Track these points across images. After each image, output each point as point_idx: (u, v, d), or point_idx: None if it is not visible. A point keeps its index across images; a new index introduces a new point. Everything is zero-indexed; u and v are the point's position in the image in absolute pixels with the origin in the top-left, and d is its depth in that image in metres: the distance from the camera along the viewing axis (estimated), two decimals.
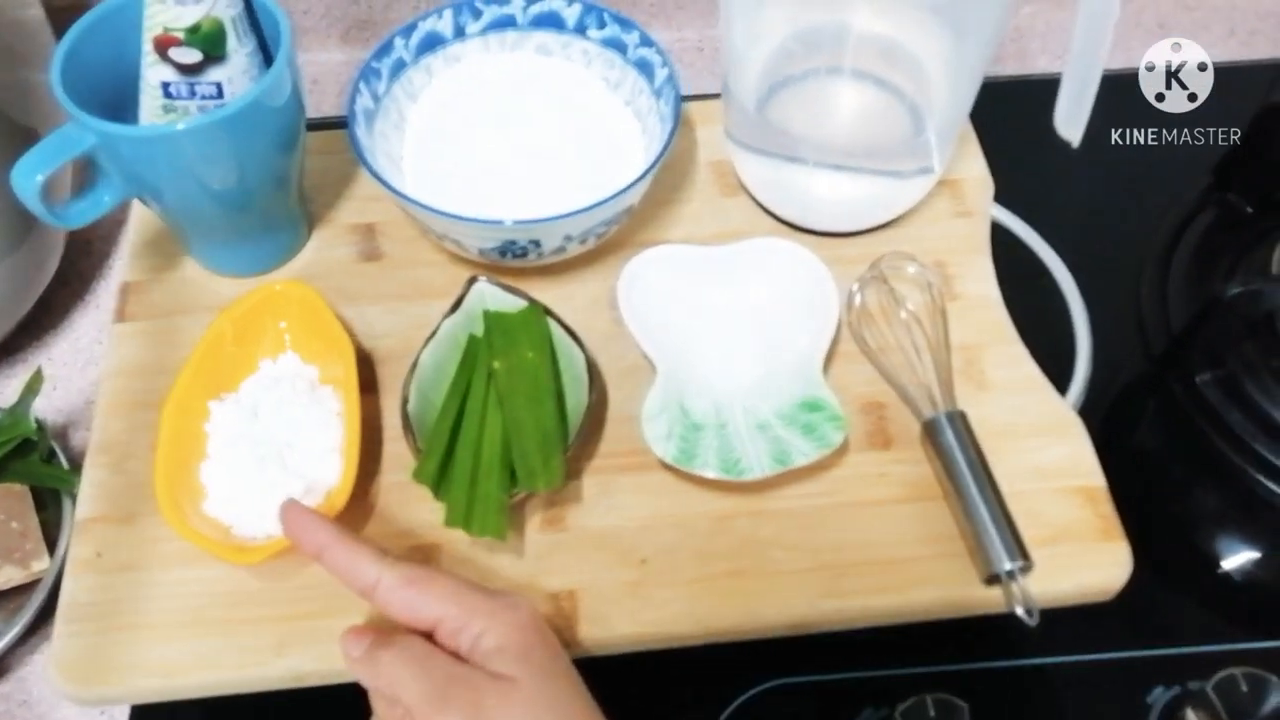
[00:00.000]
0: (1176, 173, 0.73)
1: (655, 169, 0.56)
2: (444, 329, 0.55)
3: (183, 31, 0.52)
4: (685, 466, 0.51)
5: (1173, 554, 0.62)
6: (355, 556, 0.45)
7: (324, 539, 0.46)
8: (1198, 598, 0.60)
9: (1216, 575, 0.61)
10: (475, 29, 0.63)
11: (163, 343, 0.58)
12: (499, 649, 0.43)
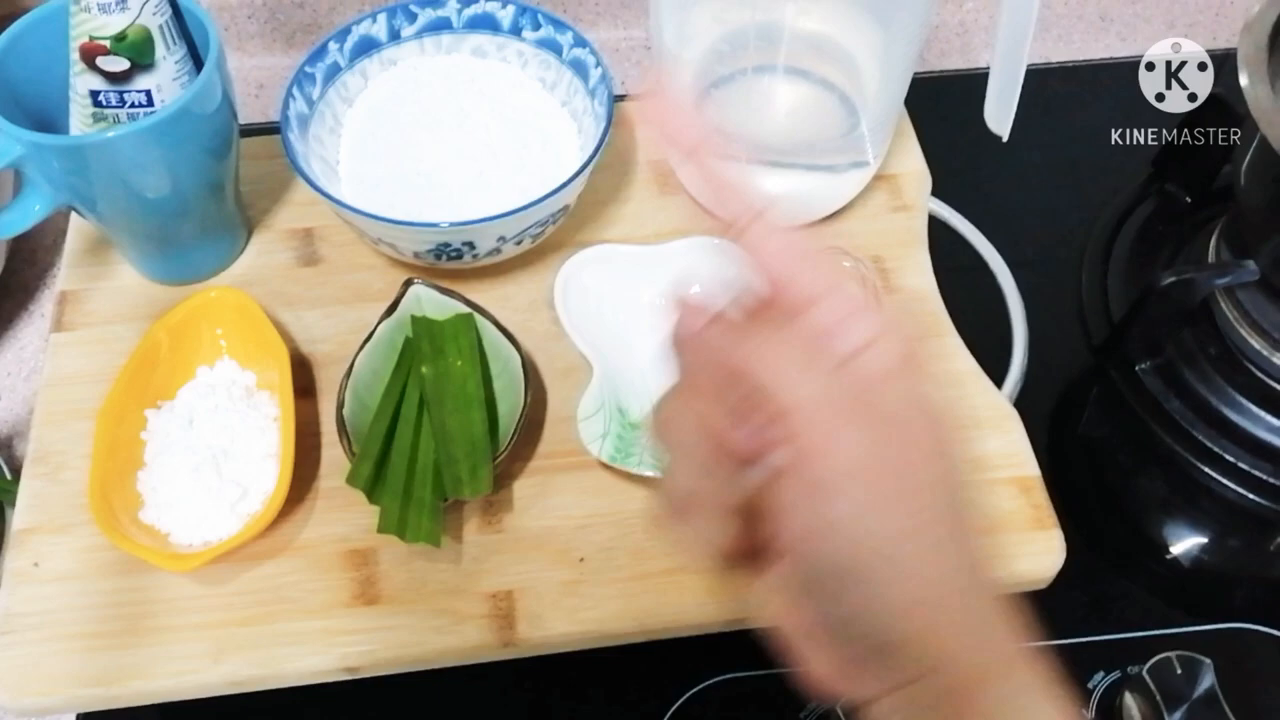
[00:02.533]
0: (1118, 164, 0.73)
1: (588, 169, 0.56)
2: (380, 332, 0.55)
3: (109, 40, 0.52)
4: (621, 465, 0.52)
5: (1116, 541, 0.62)
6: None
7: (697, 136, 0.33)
8: (1140, 584, 0.61)
9: (1159, 561, 0.62)
10: (410, 32, 0.63)
11: (101, 352, 0.58)
12: (888, 373, 0.30)
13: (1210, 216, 0.69)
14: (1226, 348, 0.64)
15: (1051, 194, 0.74)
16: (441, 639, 0.50)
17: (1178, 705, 0.53)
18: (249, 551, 0.51)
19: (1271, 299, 0.62)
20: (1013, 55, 0.53)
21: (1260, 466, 0.61)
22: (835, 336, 0.30)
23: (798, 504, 0.29)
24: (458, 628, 0.50)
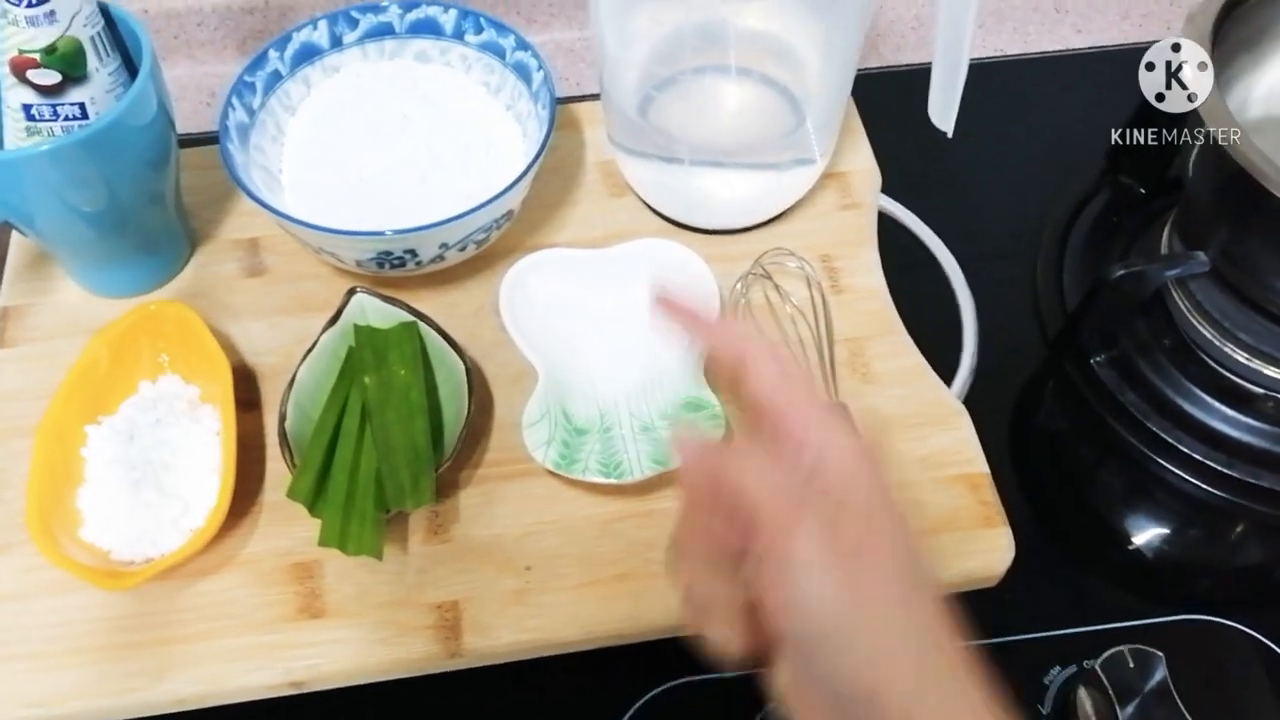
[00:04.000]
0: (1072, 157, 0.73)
1: (530, 174, 0.56)
2: (323, 342, 0.55)
3: (39, 53, 0.51)
4: (566, 472, 0.51)
5: (1072, 535, 0.62)
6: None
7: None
8: (1096, 577, 0.61)
9: (1115, 554, 0.62)
10: (352, 38, 0.62)
11: (43, 368, 0.57)
12: (843, 469, 0.34)
13: (1164, 207, 0.69)
14: (1180, 339, 0.64)
15: (1006, 188, 0.74)
16: (388, 651, 0.49)
17: (1130, 699, 0.53)
18: (192, 567, 0.51)
19: (1222, 289, 0.62)
20: (953, 49, 0.53)
21: (1214, 457, 0.61)
22: (802, 444, 0.35)
23: (773, 583, 0.34)
24: (404, 639, 0.50)
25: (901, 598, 0.34)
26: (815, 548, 0.33)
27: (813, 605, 0.33)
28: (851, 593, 0.33)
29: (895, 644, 0.34)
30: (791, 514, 0.34)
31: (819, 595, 0.33)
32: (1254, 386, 0.62)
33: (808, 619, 0.34)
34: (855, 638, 0.33)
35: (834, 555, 0.33)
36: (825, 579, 0.33)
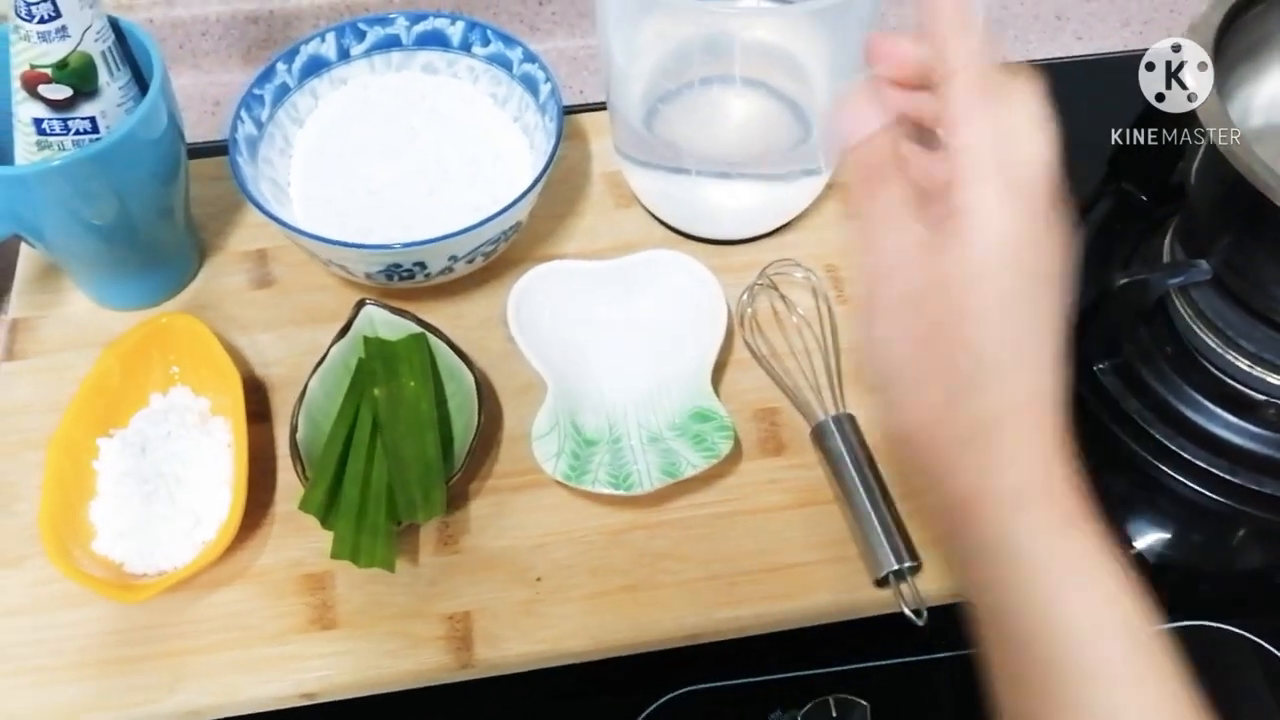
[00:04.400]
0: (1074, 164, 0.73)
1: (537, 187, 0.56)
2: (333, 355, 0.55)
3: (50, 68, 0.52)
4: (576, 483, 0.52)
5: None
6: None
7: None
8: None
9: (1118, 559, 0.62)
10: (359, 50, 0.62)
11: (53, 380, 0.58)
12: (973, 244, 0.34)
13: (1167, 214, 0.70)
14: (1183, 346, 0.64)
15: None
16: (399, 662, 0.50)
17: None
18: (204, 579, 0.51)
19: (1225, 298, 0.63)
20: None
21: (1217, 464, 0.62)
22: (955, 189, 0.34)
23: (958, 270, 0.35)
24: (415, 651, 0.50)
25: (1054, 356, 0.36)
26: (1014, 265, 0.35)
27: (990, 323, 0.35)
28: (1027, 330, 0.35)
29: (1035, 398, 0.36)
30: (1003, 211, 0.34)
31: (1001, 315, 0.35)
32: (1256, 393, 0.62)
33: (982, 333, 0.35)
34: (1012, 375, 0.35)
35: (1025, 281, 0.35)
36: (1011, 304, 0.35)
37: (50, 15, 0.50)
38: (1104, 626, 0.35)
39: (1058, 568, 0.35)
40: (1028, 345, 0.36)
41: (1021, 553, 0.35)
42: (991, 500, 0.36)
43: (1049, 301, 0.36)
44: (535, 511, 0.53)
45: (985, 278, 0.35)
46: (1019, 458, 0.36)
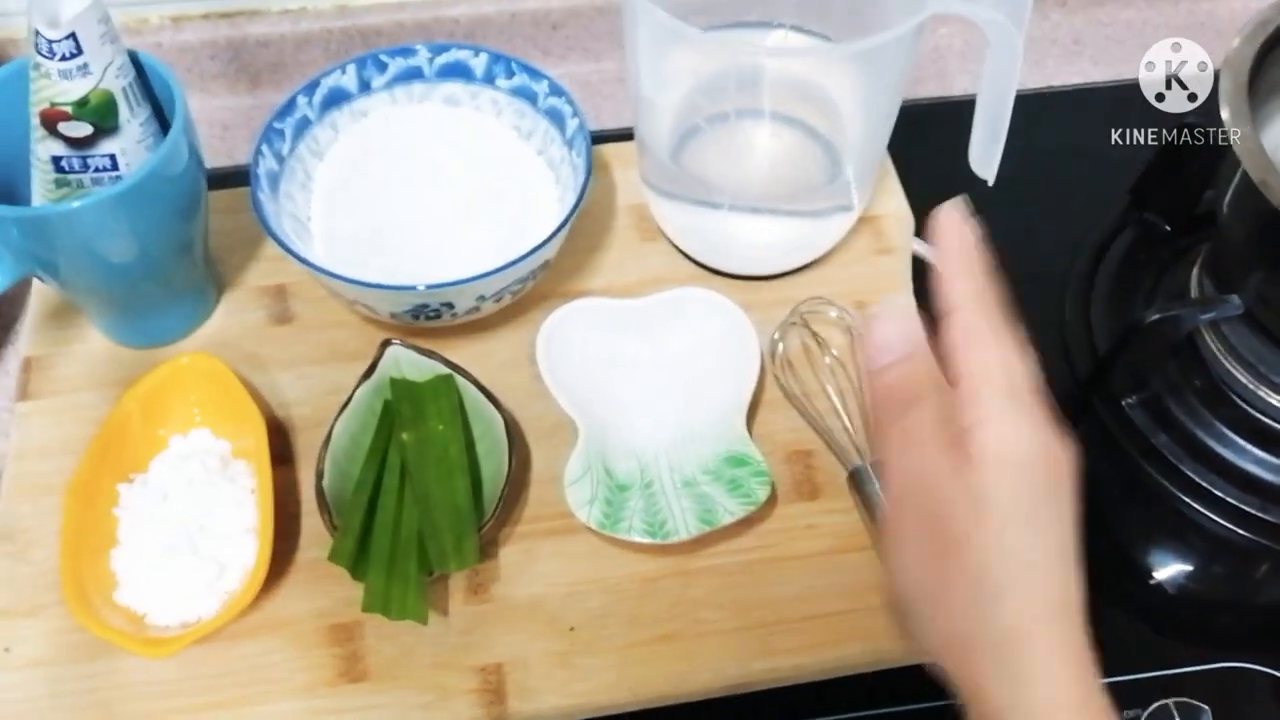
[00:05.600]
0: (1096, 193, 0.73)
1: (568, 224, 0.55)
2: (358, 397, 0.54)
3: (70, 105, 0.50)
4: (610, 531, 0.51)
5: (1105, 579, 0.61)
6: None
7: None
8: (1130, 622, 0.60)
9: (1148, 598, 0.61)
10: (381, 82, 0.61)
11: (69, 421, 0.56)
12: (992, 456, 0.35)
13: (1190, 245, 0.69)
14: (1212, 381, 0.64)
15: (1028, 226, 0.73)
16: (430, 716, 0.49)
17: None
18: (228, 630, 0.50)
19: (1256, 333, 0.62)
20: (998, 101, 0.52)
21: (1248, 500, 0.61)
22: (962, 410, 0.36)
23: (973, 481, 0.36)
24: (447, 704, 0.49)
25: (989, 591, 0.36)
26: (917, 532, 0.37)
27: (909, 575, 0.38)
28: (936, 578, 0.37)
29: (976, 632, 0.36)
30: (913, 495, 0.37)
31: (912, 570, 0.38)
32: None
33: (909, 580, 0.38)
34: (936, 614, 0.38)
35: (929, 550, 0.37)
36: (915, 563, 0.38)
37: (72, 53, 0.49)
38: None
39: None
40: (1047, 554, 0.36)
41: None
42: (1025, 715, 0.35)
43: (1062, 510, 0.36)
44: (566, 558, 0.52)
45: (1000, 487, 0.35)
46: (1051, 669, 0.35)
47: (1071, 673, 0.36)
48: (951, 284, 0.38)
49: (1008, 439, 0.36)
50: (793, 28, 0.59)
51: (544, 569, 0.52)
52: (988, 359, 0.36)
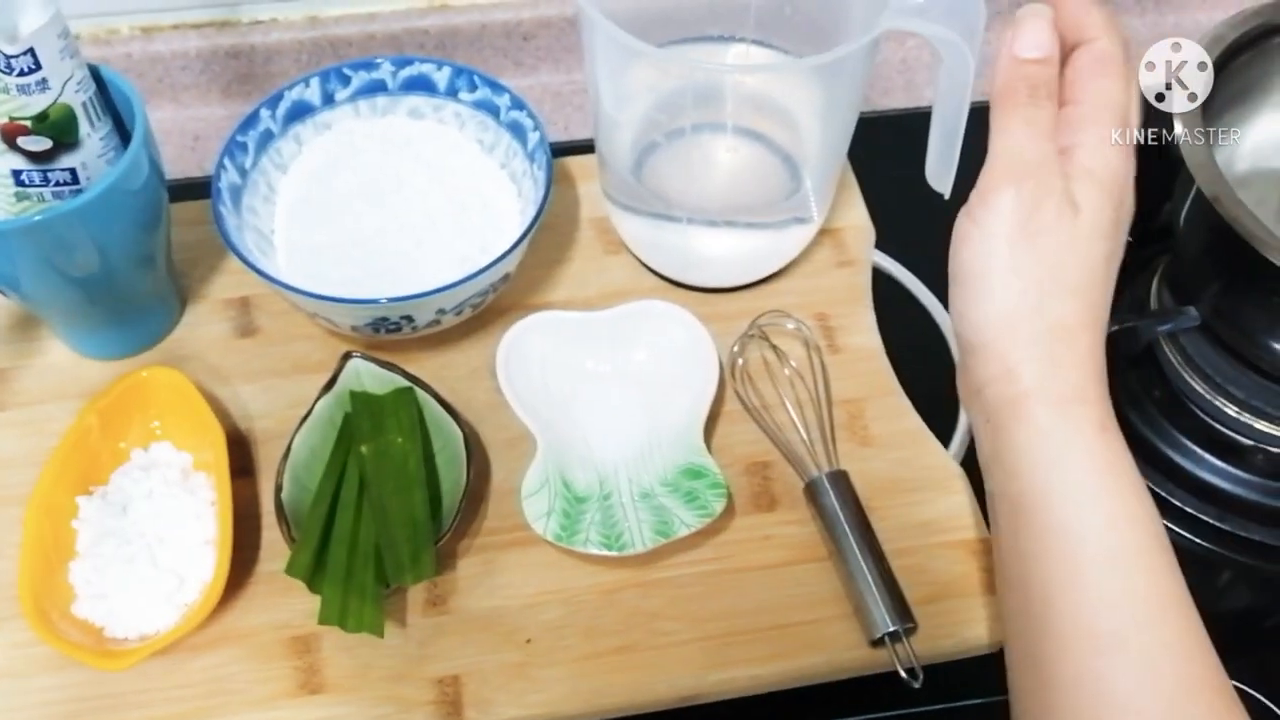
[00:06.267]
0: None
1: (528, 238, 0.55)
2: (318, 409, 0.54)
3: (30, 120, 0.50)
4: (566, 544, 0.51)
5: None
6: None
7: None
8: None
9: None
10: (344, 95, 0.62)
11: (30, 433, 0.56)
12: (1090, 172, 0.43)
13: (1151, 256, 0.70)
14: (1171, 392, 0.65)
15: None
16: None
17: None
18: (188, 641, 0.50)
19: (1213, 344, 0.63)
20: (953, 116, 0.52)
21: (1206, 510, 0.62)
22: (1080, 128, 0.43)
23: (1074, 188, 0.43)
24: (404, 716, 0.49)
25: (1053, 292, 0.43)
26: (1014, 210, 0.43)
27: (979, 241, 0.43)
28: (1011, 259, 0.43)
29: (1024, 317, 0.43)
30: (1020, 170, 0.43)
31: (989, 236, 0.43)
32: (1245, 439, 0.63)
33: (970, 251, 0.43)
34: (991, 292, 0.43)
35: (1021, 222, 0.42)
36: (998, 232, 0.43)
37: (30, 68, 0.49)
38: (1125, 517, 0.42)
39: (1095, 461, 0.42)
40: (1109, 277, 0.44)
41: (1068, 444, 0.42)
42: (1051, 396, 0.42)
43: (1123, 239, 0.45)
44: (525, 570, 0.53)
45: (1095, 203, 0.42)
46: (1084, 363, 0.42)
47: (1096, 369, 0.43)
48: (1087, 11, 0.43)
49: (1111, 164, 0.43)
50: (754, 42, 0.59)
51: (502, 581, 0.52)
52: (1114, 89, 0.43)
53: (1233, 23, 0.60)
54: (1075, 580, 0.41)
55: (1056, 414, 0.42)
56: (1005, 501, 0.44)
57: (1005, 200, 0.42)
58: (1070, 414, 0.42)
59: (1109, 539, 0.41)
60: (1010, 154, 0.43)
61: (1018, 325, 0.42)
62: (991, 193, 0.43)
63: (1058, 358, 0.42)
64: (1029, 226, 0.42)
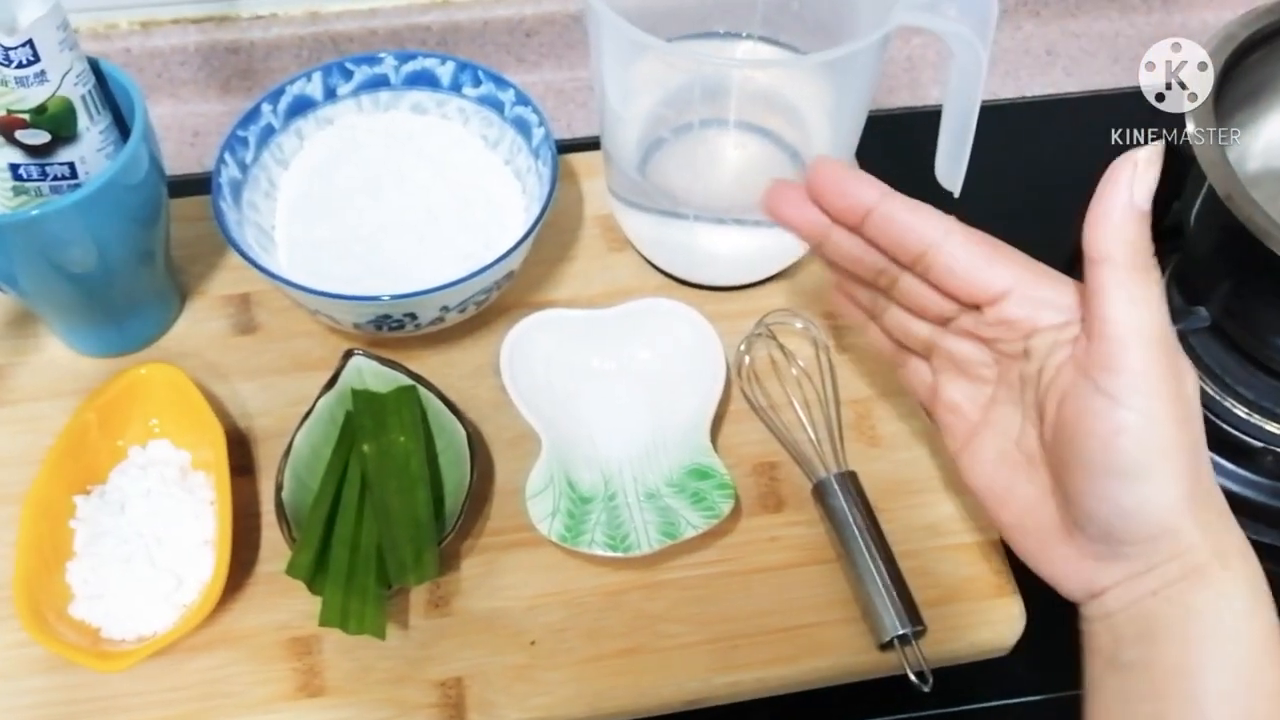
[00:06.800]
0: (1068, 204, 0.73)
1: (533, 235, 0.54)
2: (319, 408, 0.53)
3: (28, 113, 0.50)
4: (571, 545, 0.50)
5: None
6: (919, 206, 0.43)
7: (876, 192, 0.43)
8: None
9: None
10: (346, 90, 0.61)
11: (26, 431, 0.56)
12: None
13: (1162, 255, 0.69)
14: None
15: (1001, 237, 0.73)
16: None
17: None
18: (186, 643, 0.49)
19: (1223, 345, 0.62)
20: (963, 113, 0.52)
21: None
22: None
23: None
24: (406, 718, 0.48)
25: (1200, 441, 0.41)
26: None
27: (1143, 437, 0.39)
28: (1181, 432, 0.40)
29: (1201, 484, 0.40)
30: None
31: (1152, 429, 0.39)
32: (1255, 441, 0.62)
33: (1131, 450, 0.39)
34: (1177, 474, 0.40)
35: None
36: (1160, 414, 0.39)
37: (29, 59, 0.48)
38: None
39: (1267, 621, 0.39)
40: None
41: (1254, 610, 0.39)
42: (1229, 558, 0.40)
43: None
44: (528, 571, 0.52)
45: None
46: (1228, 511, 0.40)
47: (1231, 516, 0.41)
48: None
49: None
50: (760, 38, 0.59)
51: (505, 582, 0.52)
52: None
53: (1244, 21, 0.60)
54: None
55: (1233, 576, 0.39)
56: (1146, 671, 0.40)
57: (1161, 379, 0.39)
58: (1245, 574, 0.40)
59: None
60: (1150, 327, 0.39)
61: (1193, 499, 0.39)
62: (1144, 376, 0.39)
63: (1225, 515, 0.40)
64: (1178, 397, 0.39)
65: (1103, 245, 0.40)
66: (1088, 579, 0.42)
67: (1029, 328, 0.42)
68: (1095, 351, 0.39)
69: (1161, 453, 0.39)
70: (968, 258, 0.42)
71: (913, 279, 0.45)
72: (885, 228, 0.43)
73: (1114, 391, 0.39)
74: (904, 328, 0.47)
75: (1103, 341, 0.39)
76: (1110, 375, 0.39)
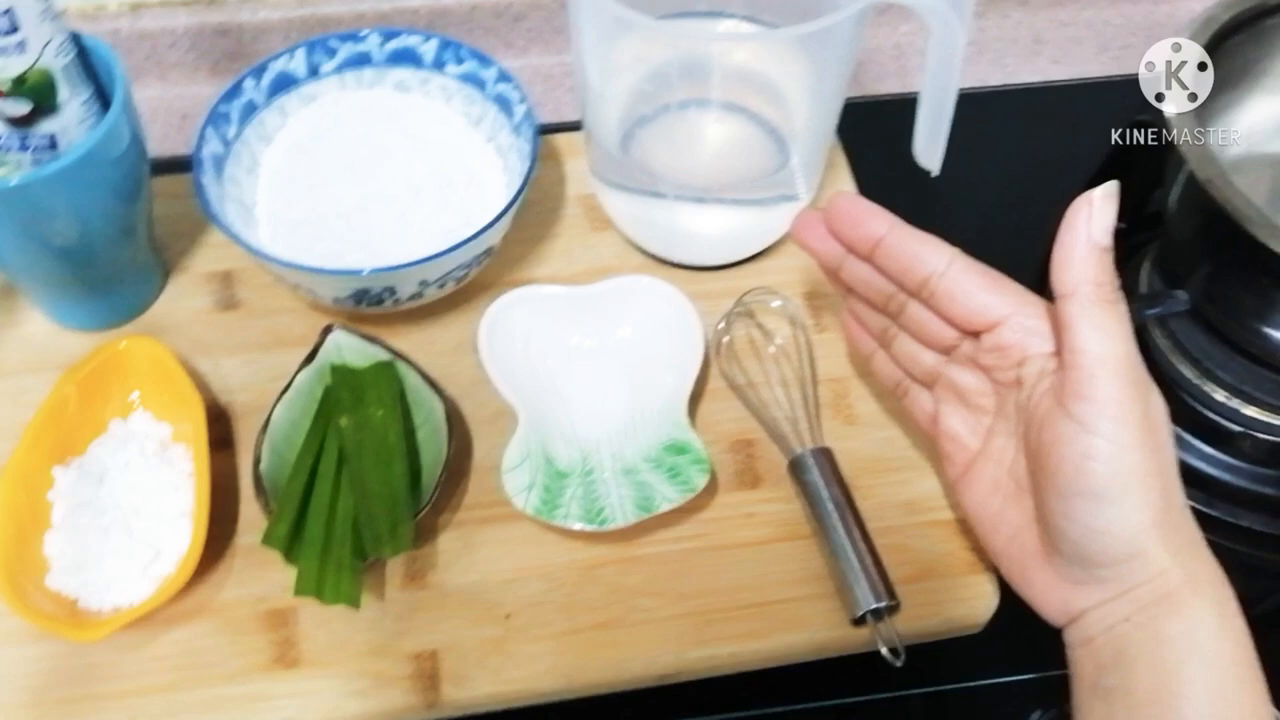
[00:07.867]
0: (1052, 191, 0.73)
1: (512, 211, 0.55)
2: (298, 382, 0.53)
3: (8, 83, 0.50)
4: (547, 518, 0.50)
5: None
6: (926, 238, 0.46)
7: (886, 224, 0.46)
8: None
9: None
10: (330, 67, 0.61)
11: (7, 404, 0.56)
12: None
13: (1142, 242, 0.69)
14: (1159, 376, 0.63)
15: (983, 222, 0.73)
16: (364, 702, 0.48)
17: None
18: (162, 615, 0.50)
19: (1202, 328, 0.62)
20: (941, 90, 0.52)
21: (1194, 497, 0.61)
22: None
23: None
24: (381, 690, 0.49)
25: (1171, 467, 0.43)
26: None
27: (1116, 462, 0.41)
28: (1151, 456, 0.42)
29: (1171, 507, 0.42)
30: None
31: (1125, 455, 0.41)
32: (1233, 425, 0.62)
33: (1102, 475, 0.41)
34: (1148, 498, 0.41)
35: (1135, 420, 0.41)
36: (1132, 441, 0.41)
37: (8, 29, 0.48)
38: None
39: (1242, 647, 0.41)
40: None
41: (1221, 632, 0.41)
42: (1201, 584, 0.41)
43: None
44: (505, 545, 0.52)
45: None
46: (1201, 539, 0.42)
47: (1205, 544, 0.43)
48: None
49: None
50: (743, 18, 0.59)
51: (482, 556, 0.52)
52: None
53: (1225, 4, 0.60)
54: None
55: (1203, 601, 0.41)
56: (1126, 697, 0.41)
57: (1128, 407, 0.41)
58: (1215, 598, 0.41)
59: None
60: (1117, 357, 0.41)
61: (1163, 524, 0.41)
62: (1112, 403, 0.40)
63: (1196, 543, 0.42)
64: (1145, 424, 0.41)
65: (1069, 282, 0.42)
66: (1065, 601, 0.43)
67: (1020, 355, 0.44)
68: (1067, 380, 0.41)
69: (1130, 476, 0.40)
70: (968, 284, 0.45)
71: (919, 306, 0.47)
72: (894, 255, 0.46)
73: (1084, 418, 0.41)
74: (912, 356, 0.50)
75: (1073, 371, 0.41)
76: (1080, 402, 0.41)
